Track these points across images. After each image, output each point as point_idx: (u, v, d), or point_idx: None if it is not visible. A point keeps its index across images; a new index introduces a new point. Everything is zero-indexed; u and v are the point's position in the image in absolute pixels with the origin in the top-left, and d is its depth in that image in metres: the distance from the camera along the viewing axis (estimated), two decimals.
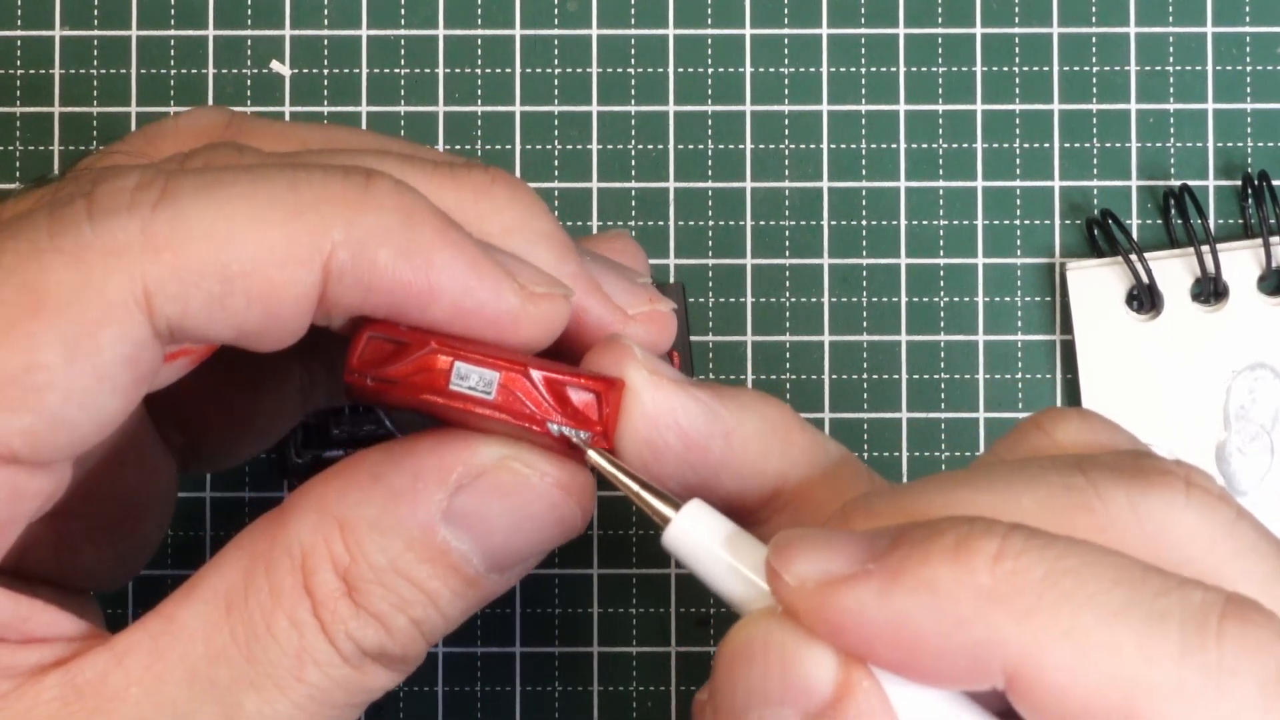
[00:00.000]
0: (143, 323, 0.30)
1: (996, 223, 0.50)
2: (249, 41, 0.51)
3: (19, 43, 0.51)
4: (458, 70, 0.50)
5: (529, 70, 0.50)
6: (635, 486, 0.32)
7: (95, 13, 0.51)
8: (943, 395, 0.50)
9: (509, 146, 0.50)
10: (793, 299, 0.50)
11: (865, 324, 0.50)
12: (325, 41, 0.51)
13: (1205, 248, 0.49)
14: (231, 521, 0.50)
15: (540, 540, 0.33)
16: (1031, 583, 0.27)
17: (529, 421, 0.32)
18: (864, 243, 0.50)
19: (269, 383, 0.39)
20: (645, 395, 0.33)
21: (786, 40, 0.50)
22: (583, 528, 0.33)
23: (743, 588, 0.30)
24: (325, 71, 0.50)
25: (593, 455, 0.33)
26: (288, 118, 0.50)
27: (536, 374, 0.32)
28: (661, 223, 0.50)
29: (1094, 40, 0.50)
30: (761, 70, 0.50)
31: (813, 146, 0.50)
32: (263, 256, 0.30)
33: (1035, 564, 0.27)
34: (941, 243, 0.50)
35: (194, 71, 0.50)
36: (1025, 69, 0.50)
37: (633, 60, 0.51)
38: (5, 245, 0.30)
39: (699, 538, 0.31)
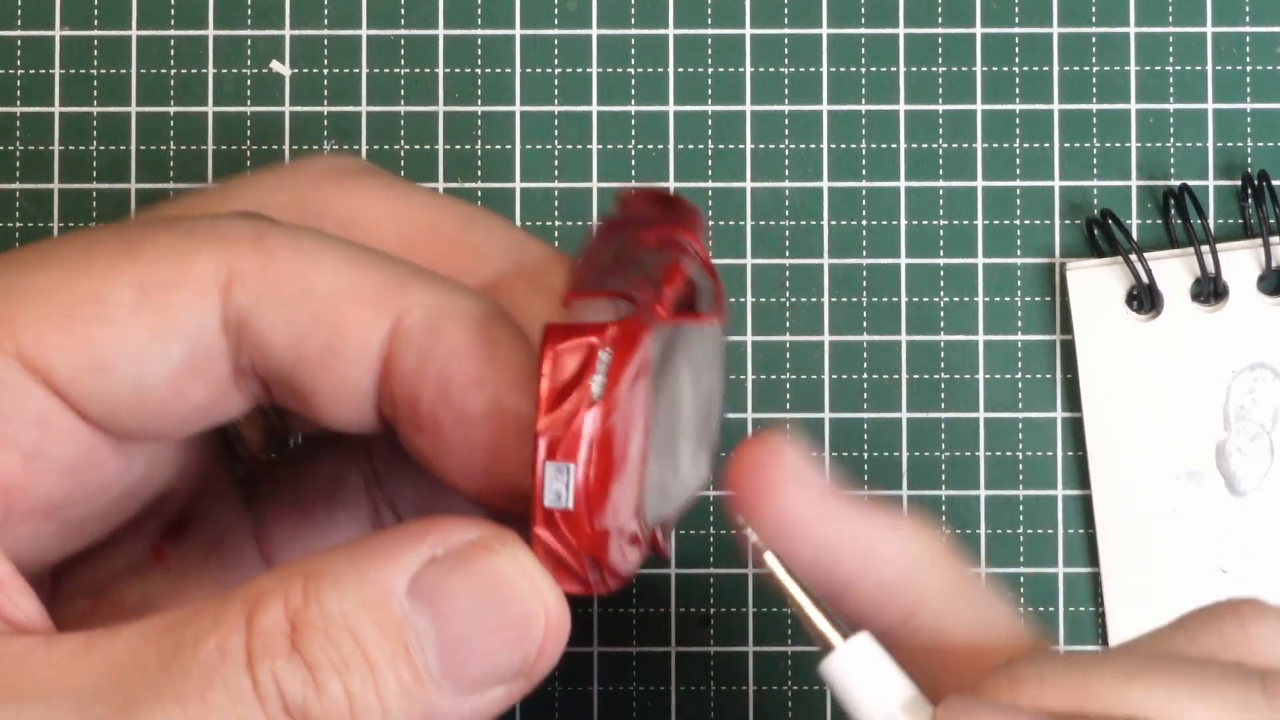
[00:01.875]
0: (215, 304, 0.31)
1: (996, 223, 0.50)
2: (249, 41, 0.51)
3: (19, 43, 0.51)
4: (458, 70, 0.50)
5: (529, 70, 0.50)
6: (806, 604, 0.31)
7: (95, 13, 0.51)
8: (943, 395, 0.50)
9: (509, 146, 0.50)
10: (793, 299, 0.50)
11: (865, 324, 0.50)
12: (325, 41, 0.51)
13: (1205, 248, 0.49)
14: None
15: (498, 649, 0.30)
16: None
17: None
18: (864, 243, 0.50)
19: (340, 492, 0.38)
20: (787, 498, 0.32)
21: (786, 40, 0.50)
22: (542, 668, 0.30)
23: None
24: (325, 71, 0.50)
25: (769, 560, 0.31)
26: (287, 118, 0.50)
27: (585, 421, 0.29)
28: None
29: (1094, 40, 0.50)
30: (761, 70, 0.50)
31: (813, 146, 0.50)
32: (345, 289, 0.31)
33: None
34: (941, 243, 0.50)
35: (194, 71, 0.50)
36: (1025, 69, 0.50)
37: (633, 60, 0.51)
38: (134, 219, 0.32)
39: (861, 677, 0.30)
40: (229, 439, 0.37)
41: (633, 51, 0.51)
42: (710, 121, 0.50)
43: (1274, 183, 0.49)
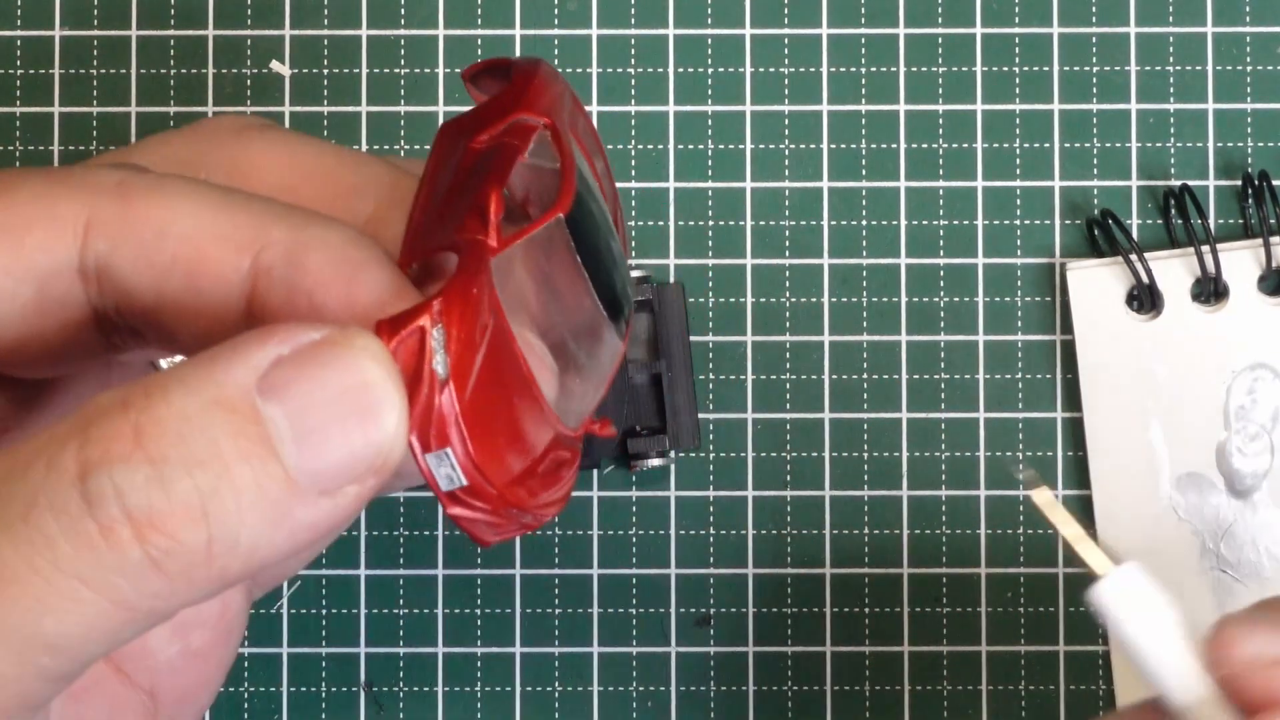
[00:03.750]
0: (71, 248, 0.31)
1: (996, 223, 0.50)
2: (249, 41, 0.51)
3: (19, 43, 0.51)
4: (458, 70, 0.50)
5: None
6: (1073, 534, 0.32)
7: (95, 13, 0.51)
8: (943, 395, 0.50)
9: None
10: (793, 299, 0.50)
11: (865, 324, 0.50)
12: (325, 41, 0.51)
13: (1205, 248, 0.49)
14: None
15: (354, 437, 0.28)
16: None
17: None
18: (864, 243, 0.50)
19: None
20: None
21: (786, 40, 0.50)
22: (397, 449, 0.29)
23: (1173, 665, 0.31)
24: (325, 71, 0.50)
25: (1040, 496, 0.33)
26: (287, 117, 0.50)
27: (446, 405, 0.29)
28: (661, 223, 0.50)
29: (1094, 40, 0.50)
30: (761, 70, 0.50)
31: (813, 146, 0.50)
32: (201, 227, 0.31)
33: None
34: (941, 243, 0.50)
35: (194, 71, 0.50)
36: (1025, 69, 0.50)
37: (633, 60, 0.51)
38: (21, 168, 0.32)
39: (1130, 603, 0.31)
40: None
41: (633, 51, 0.51)
42: (710, 121, 0.50)
43: (1274, 183, 0.49)
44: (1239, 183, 0.50)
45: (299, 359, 0.28)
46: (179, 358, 0.39)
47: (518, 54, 0.50)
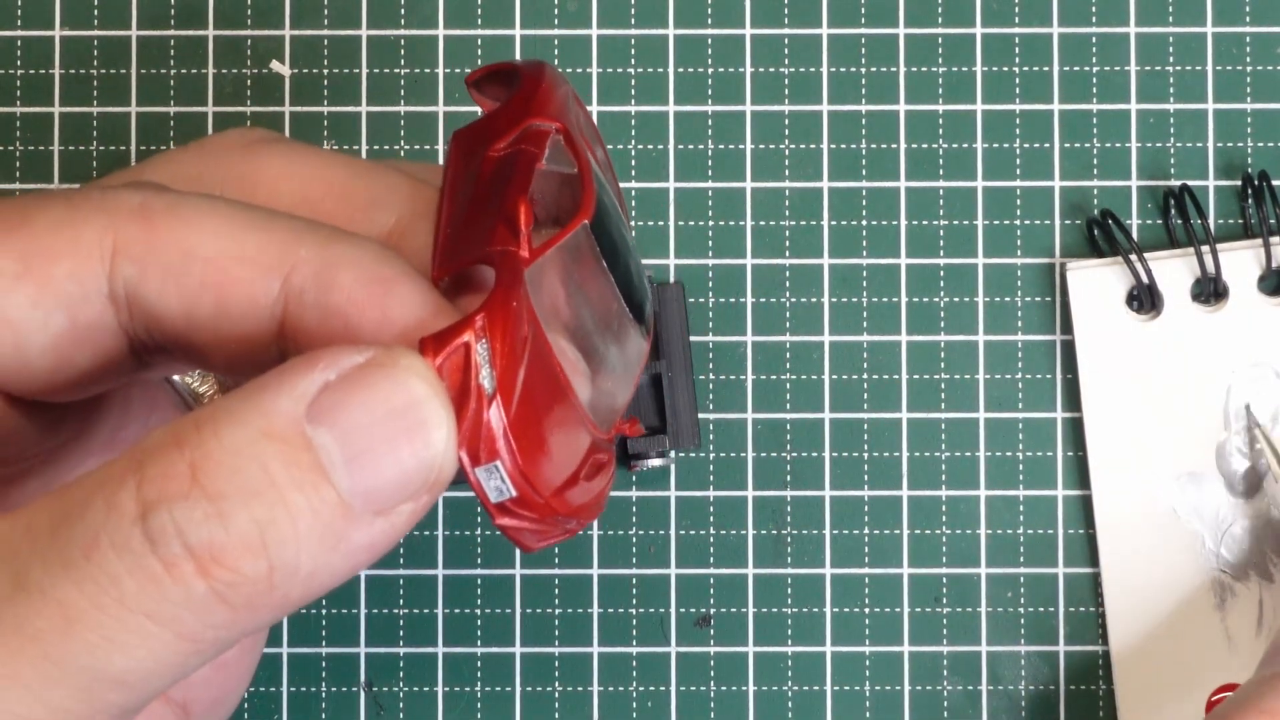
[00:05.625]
0: (99, 274, 0.31)
1: (996, 223, 0.50)
2: (249, 41, 0.51)
3: (19, 43, 0.51)
4: (458, 70, 0.50)
5: None
6: None
7: (95, 13, 0.51)
8: (943, 395, 0.50)
9: None
10: (793, 299, 0.50)
11: (865, 324, 0.50)
12: (325, 41, 0.51)
13: (1205, 248, 0.49)
14: None
15: (404, 459, 0.29)
16: None
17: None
18: (864, 243, 0.50)
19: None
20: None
21: (786, 40, 0.51)
22: (448, 465, 0.29)
23: None
24: (325, 71, 0.50)
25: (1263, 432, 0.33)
26: (288, 118, 0.50)
27: (495, 417, 0.29)
28: (661, 223, 0.50)
29: (1094, 40, 0.50)
30: (761, 70, 0.50)
31: (813, 146, 0.50)
32: (227, 249, 0.31)
33: None
34: (941, 243, 0.50)
35: (194, 71, 0.50)
36: (1025, 69, 0.50)
37: (633, 60, 0.51)
38: (38, 193, 0.31)
39: None
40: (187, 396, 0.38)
41: (633, 51, 0.51)
42: (710, 121, 0.50)
43: (1274, 183, 0.49)
44: (1239, 183, 0.50)
45: (345, 383, 0.29)
46: (196, 373, 0.39)
47: (518, 54, 0.50)
